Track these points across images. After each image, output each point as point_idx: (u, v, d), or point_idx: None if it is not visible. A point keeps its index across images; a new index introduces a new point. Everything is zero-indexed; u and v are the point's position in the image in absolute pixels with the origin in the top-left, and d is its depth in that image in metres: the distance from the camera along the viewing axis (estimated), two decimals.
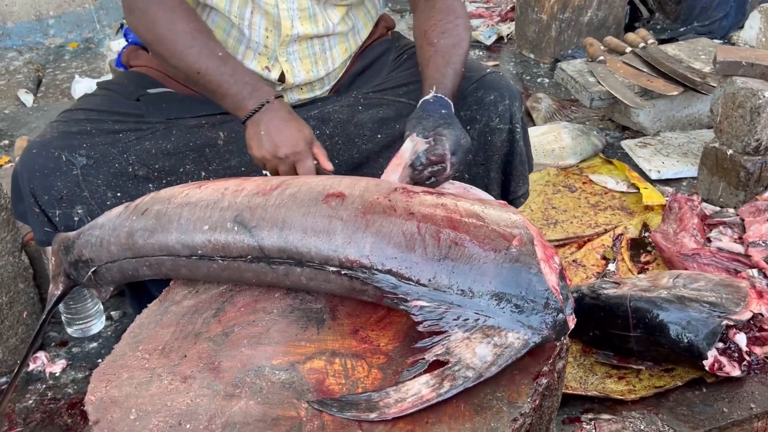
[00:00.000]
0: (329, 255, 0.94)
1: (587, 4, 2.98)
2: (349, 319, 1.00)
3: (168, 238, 1.05)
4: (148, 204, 1.10)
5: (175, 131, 1.38)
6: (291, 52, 1.43)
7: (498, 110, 1.43)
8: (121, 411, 0.88)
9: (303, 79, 1.46)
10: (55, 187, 1.27)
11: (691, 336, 1.30)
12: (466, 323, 0.88)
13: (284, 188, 1.03)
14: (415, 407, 0.83)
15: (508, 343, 0.87)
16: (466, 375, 0.84)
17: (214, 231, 1.02)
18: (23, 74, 3.58)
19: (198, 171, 1.38)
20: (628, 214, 1.95)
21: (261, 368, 0.92)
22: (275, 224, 0.98)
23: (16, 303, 1.52)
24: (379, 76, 1.52)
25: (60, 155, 1.28)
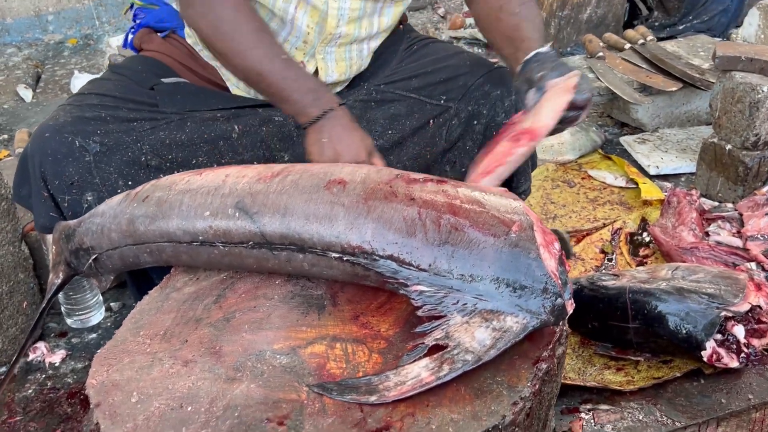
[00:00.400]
0: (331, 241, 0.95)
1: (586, 1, 2.99)
2: (350, 305, 1.00)
3: (169, 225, 1.05)
4: (149, 191, 1.10)
5: (189, 122, 1.37)
6: (329, 52, 1.43)
7: (504, 105, 1.44)
8: (122, 394, 0.88)
9: (335, 78, 1.47)
10: (67, 173, 1.27)
11: (690, 327, 1.30)
12: (465, 308, 0.89)
13: (286, 175, 1.03)
14: (415, 390, 0.83)
15: (507, 326, 0.87)
16: (465, 358, 0.85)
17: (216, 217, 1.02)
18: (22, 70, 3.58)
19: (210, 164, 1.38)
20: (627, 209, 1.96)
21: (262, 352, 0.92)
22: (277, 210, 0.98)
23: (15, 293, 1.52)
24: (389, 66, 1.53)
25: (74, 140, 1.27)
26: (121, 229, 1.09)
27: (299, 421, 0.82)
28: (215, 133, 1.38)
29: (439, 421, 0.81)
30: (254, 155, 1.42)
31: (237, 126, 1.40)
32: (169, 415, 0.84)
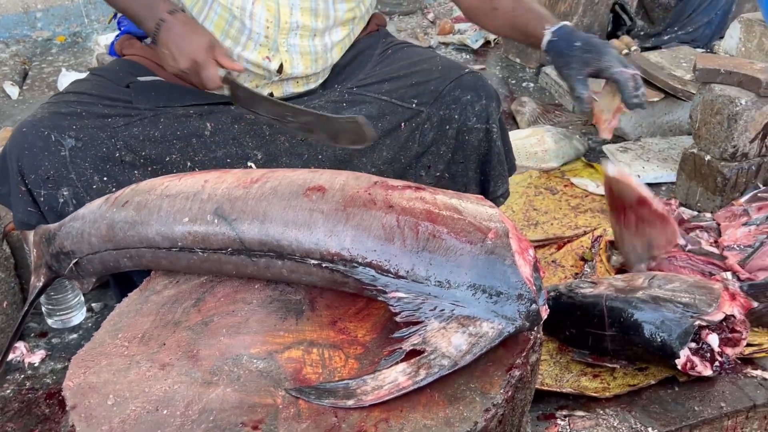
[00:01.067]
0: (310, 248, 0.96)
1: (573, 10, 3.02)
2: (328, 310, 1.01)
3: (148, 231, 1.05)
4: (129, 196, 1.10)
5: (163, 119, 1.39)
6: (292, 45, 1.45)
7: (475, 110, 1.46)
8: (99, 396, 0.89)
9: (301, 71, 1.48)
10: (43, 167, 1.28)
11: (665, 335, 1.33)
12: (443, 314, 0.90)
13: (265, 181, 1.03)
14: (392, 394, 0.84)
15: (483, 332, 0.89)
16: (441, 363, 0.86)
17: (194, 223, 1.02)
18: (9, 66, 3.56)
19: (184, 161, 1.39)
20: (608, 217, 1.98)
21: (239, 357, 0.93)
22: (256, 217, 0.98)
23: None
24: (363, 69, 1.55)
25: (49, 135, 1.29)
26: (101, 233, 1.10)
27: (274, 425, 0.83)
28: (188, 130, 1.40)
29: (412, 426, 0.82)
30: (227, 153, 1.43)
31: (209, 123, 1.42)
32: (145, 418, 0.85)
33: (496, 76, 3.17)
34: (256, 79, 1.48)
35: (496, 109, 1.49)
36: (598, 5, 3.01)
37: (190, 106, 1.43)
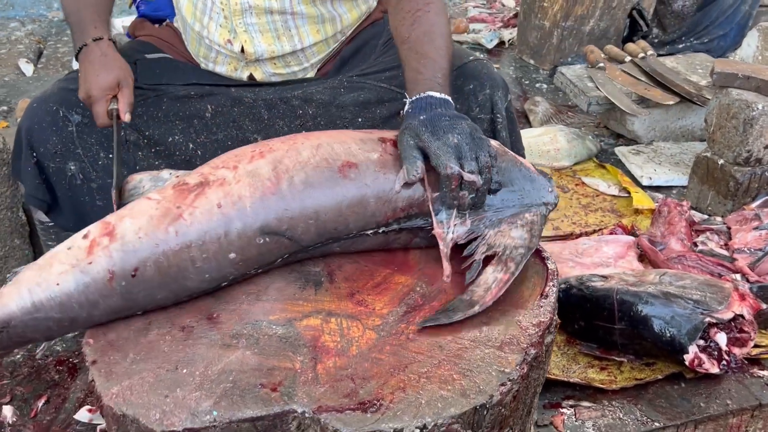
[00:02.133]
0: (367, 222, 1.01)
1: (590, 13, 3.03)
2: (347, 282, 1.02)
3: (188, 284, 0.95)
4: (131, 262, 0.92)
5: (165, 99, 1.41)
6: (249, 24, 1.42)
7: (478, 100, 1.42)
8: (118, 354, 0.90)
9: (265, 51, 1.44)
10: (51, 141, 1.31)
11: (674, 331, 1.33)
12: (492, 222, 1.03)
13: (288, 177, 0.98)
14: (502, 290, 0.95)
15: (530, 220, 1.05)
16: (519, 252, 0.99)
17: (244, 254, 0.96)
18: (24, 45, 3.58)
19: (186, 142, 1.40)
20: (618, 217, 1.99)
21: (258, 322, 0.94)
22: (307, 217, 0.98)
23: (10, 258, 1.53)
24: (367, 60, 1.53)
25: (58, 110, 1.32)
26: (111, 309, 0.93)
27: (292, 388, 0.84)
28: (189, 112, 1.41)
29: (428, 396, 0.83)
30: (227, 135, 1.43)
31: (210, 105, 1.43)
32: (164, 375, 0.86)
33: (510, 76, 3.18)
34: (232, 61, 1.48)
35: (502, 98, 1.44)
36: (616, 9, 3.02)
37: (191, 86, 1.44)
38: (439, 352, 0.89)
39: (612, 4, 3.00)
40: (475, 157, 1.01)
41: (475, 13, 4.04)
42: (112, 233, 0.92)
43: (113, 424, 0.85)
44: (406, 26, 1.25)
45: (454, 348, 0.90)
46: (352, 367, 0.87)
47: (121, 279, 0.91)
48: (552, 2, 3.07)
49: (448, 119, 1.05)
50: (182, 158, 1.42)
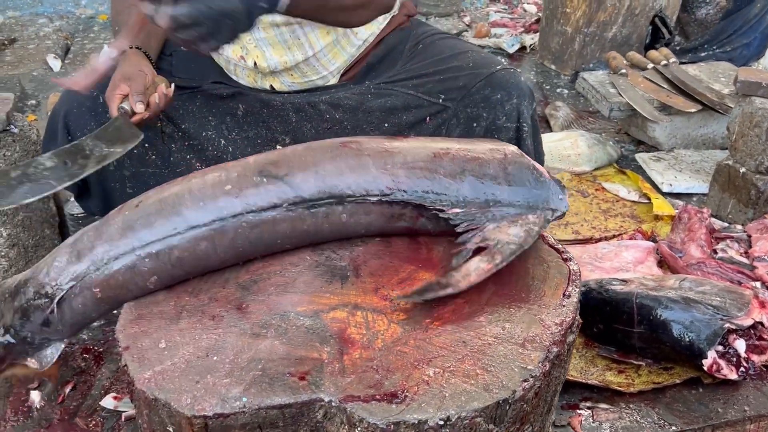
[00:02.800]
0: (368, 187, 1.02)
1: (613, 20, 3.03)
2: (372, 277, 1.04)
3: (182, 211, 0.97)
4: (136, 200, 1.02)
5: (200, 95, 1.45)
6: (259, 39, 1.44)
7: (505, 109, 1.45)
8: (150, 340, 0.92)
9: (278, 63, 1.46)
10: (88, 126, 1.34)
11: (693, 336, 1.34)
12: (494, 217, 1.05)
13: (294, 148, 1.07)
14: (480, 278, 0.97)
15: (532, 221, 1.05)
16: (510, 248, 1.00)
17: (240, 187, 0.98)
18: (52, 41, 3.64)
19: (218, 138, 1.44)
20: (638, 223, 2.00)
21: (287, 313, 0.96)
22: (307, 168, 1.01)
23: (40, 247, 1.56)
24: (394, 68, 1.54)
25: (98, 96, 1.35)
26: (112, 238, 0.97)
27: (320, 377, 0.86)
28: (222, 110, 1.45)
29: (452, 389, 0.85)
30: (257, 133, 1.47)
31: (241, 105, 1.47)
32: (195, 362, 0.88)
33: (531, 81, 3.17)
34: (251, 74, 1.51)
35: (528, 107, 1.46)
36: (638, 16, 3.02)
37: (223, 85, 1.47)
38: (463, 348, 0.91)
39: (635, 11, 3.01)
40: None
41: (496, 18, 4.06)
42: None
43: (145, 408, 0.87)
44: None
45: (478, 344, 0.92)
46: (378, 359, 0.89)
47: (125, 210, 1.00)
48: (575, 8, 3.07)
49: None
50: (214, 153, 1.45)
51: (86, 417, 1.32)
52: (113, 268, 0.97)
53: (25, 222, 1.50)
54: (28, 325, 1.00)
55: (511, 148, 1.12)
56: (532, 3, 4.29)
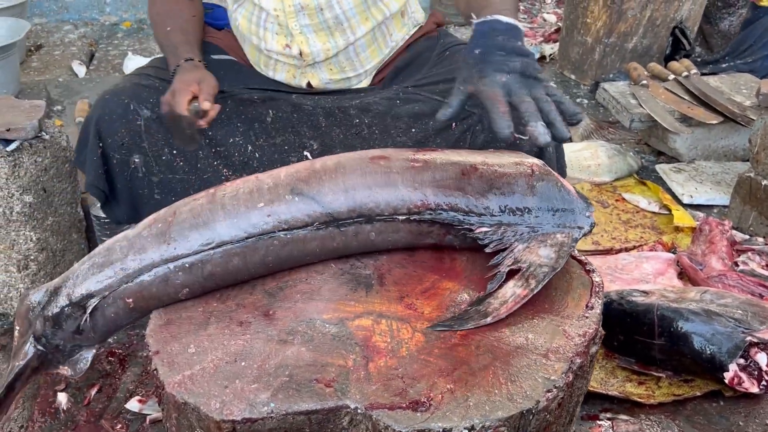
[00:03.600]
0: (397, 204, 1.02)
1: (633, 30, 3.03)
2: (396, 286, 1.05)
3: (216, 227, 0.98)
4: (169, 212, 1.02)
5: (229, 102, 1.47)
6: (304, 25, 1.48)
7: None
8: (180, 345, 0.94)
9: (320, 50, 1.50)
10: (119, 133, 1.37)
11: (714, 348, 1.34)
12: (522, 237, 1.03)
13: (323, 162, 1.07)
14: (518, 304, 0.96)
15: (560, 241, 1.04)
16: (543, 271, 0.99)
17: (272, 205, 1.00)
18: (77, 47, 3.70)
19: (245, 144, 1.46)
20: (658, 234, 2.00)
21: (312, 320, 0.98)
22: (337, 187, 1.02)
23: (68, 251, 1.60)
24: (420, 72, 1.57)
25: (129, 104, 1.38)
26: (145, 251, 0.98)
27: (345, 385, 0.87)
28: (251, 115, 1.47)
29: (476, 399, 0.86)
30: (285, 140, 1.49)
31: (271, 110, 1.49)
32: (224, 367, 0.90)
33: None
34: (291, 69, 1.53)
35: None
36: (659, 27, 3.02)
37: (254, 90, 1.50)
38: (486, 357, 0.92)
39: (656, 22, 3.01)
40: (528, 93, 1.00)
41: None
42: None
43: (174, 411, 0.89)
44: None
45: (501, 354, 0.93)
46: (403, 368, 0.90)
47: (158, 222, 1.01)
48: (595, 18, 3.08)
49: (503, 54, 1.05)
50: (240, 159, 1.48)
51: (111, 419, 1.34)
52: (146, 280, 0.98)
53: (54, 226, 1.53)
54: (59, 334, 1.01)
55: (538, 163, 1.11)
56: (551, 13, 4.30)
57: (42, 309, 1.02)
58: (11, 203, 1.44)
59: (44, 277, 1.55)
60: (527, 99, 0.99)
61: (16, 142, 1.40)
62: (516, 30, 1.09)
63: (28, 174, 1.43)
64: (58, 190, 1.53)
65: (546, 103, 1.00)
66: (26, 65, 3.39)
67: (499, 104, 0.99)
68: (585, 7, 3.11)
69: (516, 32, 1.09)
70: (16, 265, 1.50)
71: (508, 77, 1.02)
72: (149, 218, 1.02)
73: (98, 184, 1.43)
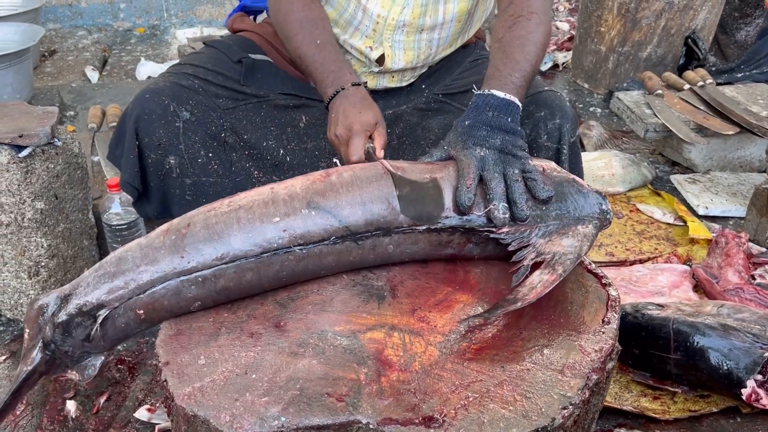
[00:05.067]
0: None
1: (648, 39, 3.01)
2: (409, 299, 1.04)
3: (231, 241, 0.97)
4: (185, 221, 1.00)
5: (264, 106, 1.47)
6: (397, 41, 1.49)
7: (547, 127, 1.46)
8: (190, 356, 0.93)
9: (402, 66, 1.52)
10: (157, 133, 1.37)
11: (732, 364, 1.32)
12: (543, 232, 1.05)
13: (339, 173, 1.05)
14: (547, 289, 0.97)
15: (582, 232, 1.06)
16: (569, 258, 1.01)
17: (288, 219, 0.98)
18: (91, 52, 3.72)
19: (278, 148, 1.46)
20: (673, 246, 1.97)
21: (324, 332, 0.96)
22: (354, 201, 1.01)
23: (78, 258, 1.59)
24: (451, 74, 1.58)
25: (169, 104, 1.38)
26: (158, 262, 0.97)
27: (357, 399, 0.86)
28: (284, 120, 1.47)
29: (491, 415, 0.84)
30: (316, 145, 1.48)
31: (304, 116, 1.49)
32: (234, 380, 0.89)
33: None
34: (357, 65, 1.53)
35: (570, 130, 1.47)
36: (674, 36, 3.00)
37: (290, 96, 1.49)
38: (501, 373, 0.90)
39: (670, 32, 2.98)
40: (502, 171, 1.04)
41: None
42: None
43: (183, 424, 0.88)
44: (504, 28, 1.28)
45: (516, 369, 0.91)
46: (415, 382, 0.89)
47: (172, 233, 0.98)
48: (609, 27, 3.06)
49: (488, 130, 1.08)
50: (272, 163, 1.48)
51: (120, 428, 1.33)
52: (158, 293, 0.97)
53: (65, 233, 1.53)
54: (69, 341, 1.00)
55: (550, 164, 1.13)
56: (564, 21, 4.28)
57: (52, 315, 1.01)
58: (23, 209, 1.43)
59: (55, 283, 1.54)
60: (497, 176, 1.04)
61: (29, 148, 1.40)
62: (510, 106, 1.12)
63: (40, 180, 1.43)
64: (70, 197, 1.52)
65: (515, 182, 1.04)
66: (40, 70, 3.41)
67: (467, 177, 1.03)
68: (599, 16, 3.09)
69: (509, 108, 1.12)
70: (27, 272, 1.50)
71: (486, 152, 1.06)
72: (162, 227, 1.01)
73: (134, 182, 1.43)
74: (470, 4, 1.51)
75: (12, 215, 1.43)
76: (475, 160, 1.05)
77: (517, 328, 0.98)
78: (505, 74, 1.16)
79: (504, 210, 1.03)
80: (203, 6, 4.22)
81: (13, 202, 1.42)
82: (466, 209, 1.02)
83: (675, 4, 2.91)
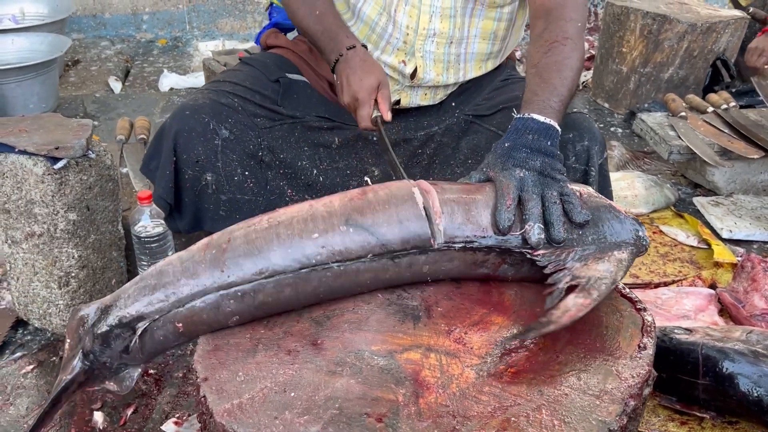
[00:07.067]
0: (454, 233, 1.02)
1: (670, 61, 3.01)
2: (444, 319, 1.04)
3: (270, 256, 0.97)
4: (226, 236, 1.01)
5: (299, 126, 1.49)
6: (428, 51, 1.51)
7: (575, 149, 1.46)
8: (228, 372, 0.94)
9: (431, 79, 1.54)
10: (195, 150, 1.38)
11: (762, 391, 1.31)
12: (580, 256, 1.05)
13: (375, 191, 1.06)
14: (581, 312, 0.96)
15: (618, 257, 1.06)
16: (604, 282, 1.00)
17: (327, 236, 0.99)
18: (113, 63, 3.76)
19: (311, 168, 1.48)
20: (697, 269, 1.96)
21: (361, 351, 0.97)
22: (391, 219, 1.01)
23: (107, 269, 1.60)
24: (481, 94, 1.59)
25: (209, 122, 1.39)
26: (198, 276, 0.97)
27: (396, 420, 0.86)
28: (318, 141, 1.48)
29: None
30: (348, 164, 1.50)
31: (337, 138, 1.50)
32: (273, 397, 0.89)
33: None
34: (390, 82, 1.55)
35: (598, 153, 1.48)
36: (696, 59, 3.00)
37: (323, 119, 1.51)
38: (539, 397, 0.90)
39: (693, 53, 2.99)
40: (540, 192, 1.05)
41: None
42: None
43: None
44: (540, 54, 1.29)
45: (554, 394, 0.91)
46: (453, 405, 0.89)
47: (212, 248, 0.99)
48: (631, 48, 3.07)
49: (527, 152, 1.10)
50: (305, 182, 1.49)
51: None
52: (198, 307, 0.97)
53: (95, 244, 1.54)
54: (107, 352, 1.01)
55: (588, 189, 1.13)
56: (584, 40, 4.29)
57: (92, 326, 1.02)
58: (56, 220, 1.45)
59: (84, 294, 1.55)
60: (535, 197, 1.04)
61: (64, 160, 1.42)
62: (549, 130, 1.13)
63: (73, 192, 1.45)
64: (101, 209, 1.54)
65: (553, 204, 1.04)
66: (64, 80, 3.45)
67: (507, 198, 1.04)
68: (621, 36, 3.10)
69: (548, 132, 1.13)
70: (57, 282, 1.51)
71: (526, 174, 1.07)
72: (203, 242, 1.01)
73: (167, 197, 1.44)
74: (494, 25, 1.52)
75: (45, 226, 1.45)
76: (515, 181, 1.05)
77: (554, 352, 0.98)
78: (543, 98, 1.17)
79: (540, 231, 1.03)
80: (225, 19, 4.26)
81: (46, 212, 1.43)
82: (505, 229, 1.03)
83: (698, 26, 2.92)
